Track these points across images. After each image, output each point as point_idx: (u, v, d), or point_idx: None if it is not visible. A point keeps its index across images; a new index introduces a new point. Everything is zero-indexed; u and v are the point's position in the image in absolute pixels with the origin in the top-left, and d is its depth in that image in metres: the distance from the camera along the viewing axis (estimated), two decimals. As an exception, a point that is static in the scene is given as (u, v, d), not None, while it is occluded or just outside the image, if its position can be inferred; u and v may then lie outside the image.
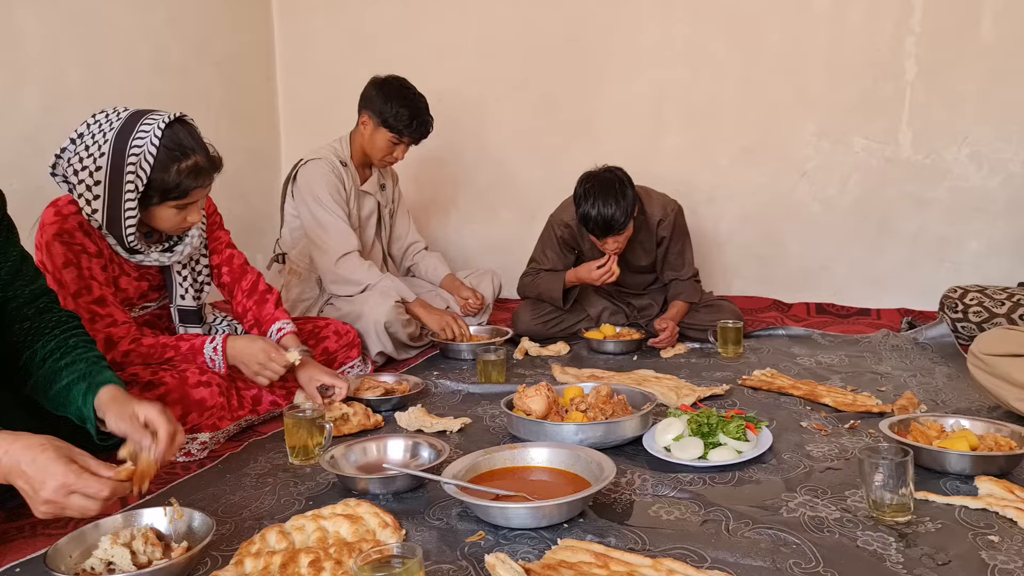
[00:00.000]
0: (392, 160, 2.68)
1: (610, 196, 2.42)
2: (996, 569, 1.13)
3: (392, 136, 2.58)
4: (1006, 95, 2.92)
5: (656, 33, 3.37)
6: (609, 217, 2.43)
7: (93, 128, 1.66)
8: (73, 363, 1.39)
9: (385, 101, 2.55)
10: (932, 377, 2.21)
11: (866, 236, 3.22)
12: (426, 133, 2.65)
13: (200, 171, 1.67)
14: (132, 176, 1.61)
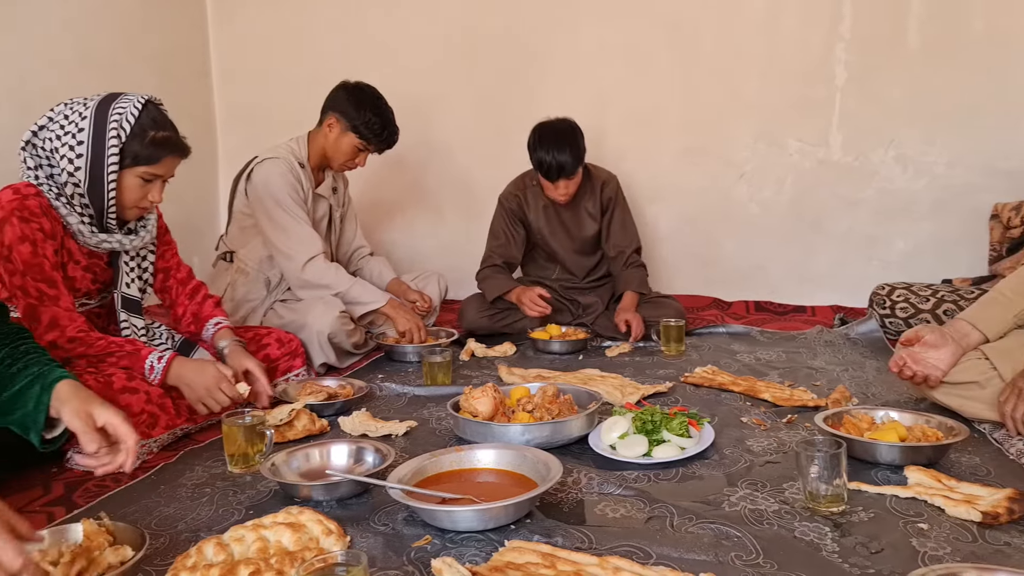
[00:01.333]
0: (353, 166, 2.65)
1: (563, 140, 2.62)
2: (926, 556, 1.18)
3: (360, 143, 2.56)
4: (930, 100, 3.06)
5: (598, 35, 3.41)
6: (562, 159, 2.60)
7: (71, 105, 1.73)
8: (26, 367, 1.33)
9: (357, 108, 2.52)
10: (863, 371, 2.30)
11: (801, 236, 3.32)
12: (392, 144, 2.64)
13: (171, 144, 1.75)
14: (114, 134, 1.69)
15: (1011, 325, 1.75)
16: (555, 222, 2.92)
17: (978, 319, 1.77)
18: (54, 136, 1.70)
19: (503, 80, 3.52)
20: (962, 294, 2.48)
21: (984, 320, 1.76)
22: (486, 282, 2.87)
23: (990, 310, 1.77)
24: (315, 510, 1.32)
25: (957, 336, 1.76)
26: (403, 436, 1.83)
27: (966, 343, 1.75)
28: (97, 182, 1.71)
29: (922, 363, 1.76)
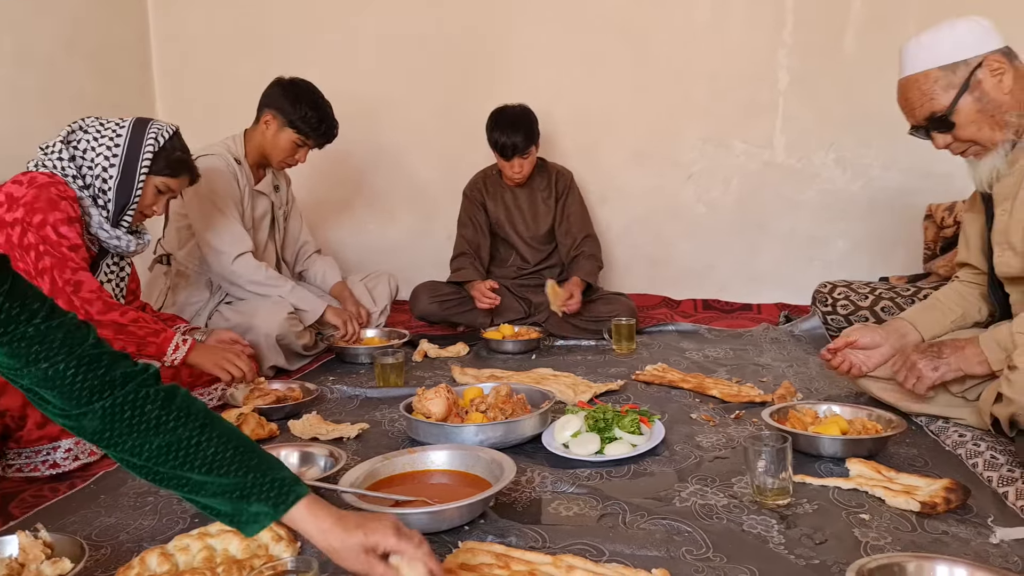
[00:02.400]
0: (293, 162, 2.61)
1: (517, 121, 2.83)
2: (868, 546, 1.22)
3: (298, 138, 2.52)
4: (867, 105, 3.16)
5: (550, 38, 3.43)
6: (516, 138, 2.81)
7: (104, 118, 1.94)
8: (218, 465, 0.99)
9: (293, 103, 2.48)
10: (806, 367, 2.36)
11: (747, 235, 3.40)
12: (332, 138, 2.61)
13: (190, 166, 2.02)
14: (151, 143, 1.92)
15: (947, 329, 1.83)
16: (513, 210, 3.05)
17: (917, 320, 1.85)
18: (90, 138, 1.90)
19: (456, 81, 3.51)
20: (899, 291, 2.57)
21: (923, 322, 1.84)
22: (458, 271, 2.99)
23: (929, 314, 1.86)
24: (264, 516, 1.29)
25: (895, 336, 1.83)
26: (355, 439, 1.80)
27: (904, 343, 1.81)
28: (129, 178, 1.91)
29: (850, 356, 1.86)
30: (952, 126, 1.62)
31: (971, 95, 1.59)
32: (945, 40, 1.61)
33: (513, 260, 3.12)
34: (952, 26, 1.63)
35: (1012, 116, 1.58)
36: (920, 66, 1.63)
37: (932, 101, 1.62)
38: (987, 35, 1.62)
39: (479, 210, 3.08)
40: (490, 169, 3.09)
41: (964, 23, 1.63)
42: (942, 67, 1.60)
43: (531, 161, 2.92)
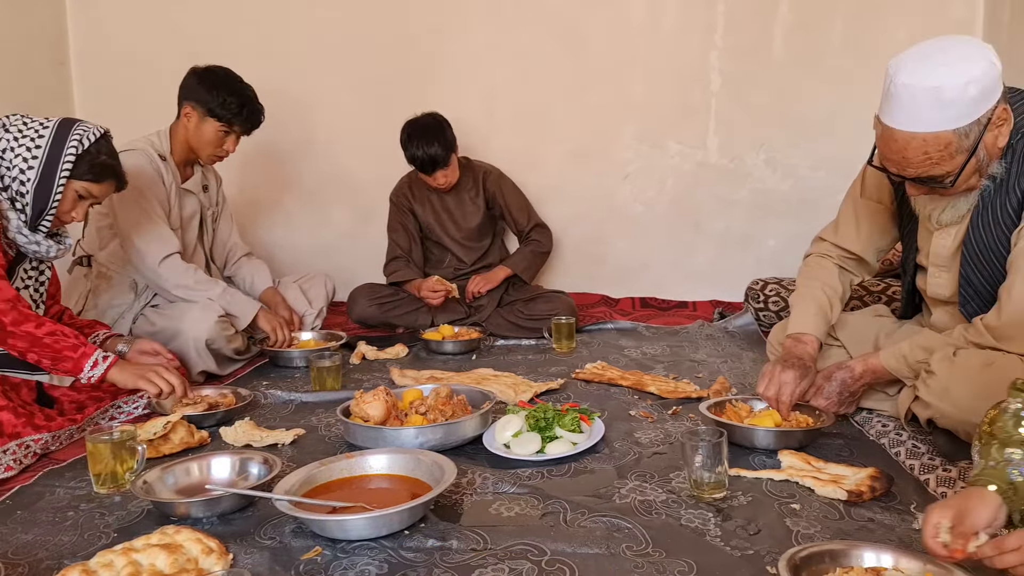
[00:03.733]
0: (223, 153, 2.50)
1: (431, 134, 2.77)
2: (798, 535, 1.25)
3: (221, 126, 2.42)
4: (795, 107, 3.27)
5: (487, 36, 3.41)
6: (433, 152, 2.76)
7: (28, 118, 1.84)
8: None
9: (210, 90, 2.38)
10: (740, 362, 2.43)
11: (682, 234, 3.47)
12: (258, 122, 2.51)
13: (116, 173, 1.91)
14: (73, 146, 1.81)
15: (823, 319, 1.81)
16: (441, 213, 3.04)
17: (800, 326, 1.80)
18: (11, 137, 1.80)
19: (391, 78, 3.46)
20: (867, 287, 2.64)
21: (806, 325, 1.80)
22: (396, 273, 2.97)
23: (805, 316, 1.82)
24: (194, 528, 1.25)
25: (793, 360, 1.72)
26: (290, 445, 1.76)
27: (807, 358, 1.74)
28: (47, 181, 1.80)
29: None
30: (947, 188, 1.50)
31: (975, 157, 1.44)
32: (966, 96, 1.37)
33: (449, 261, 3.10)
34: (972, 75, 1.37)
35: (995, 167, 1.50)
36: (931, 126, 1.40)
37: (936, 167, 1.44)
38: (998, 78, 1.41)
39: (408, 215, 3.05)
40: (415, 173, 3.02)
41: (984, 65, 1.38)
42: (956, 130, 1.40)
43: (454, 169, 2.88)
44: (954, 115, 1.39)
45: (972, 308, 1.62)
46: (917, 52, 1.43)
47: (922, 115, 1.40)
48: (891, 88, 1.43)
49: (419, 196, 3.04)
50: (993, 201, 1.54)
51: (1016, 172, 1.50)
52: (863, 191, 1.86)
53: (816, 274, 1.90)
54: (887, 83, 1.44)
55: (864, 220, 1.87)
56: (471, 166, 3.07)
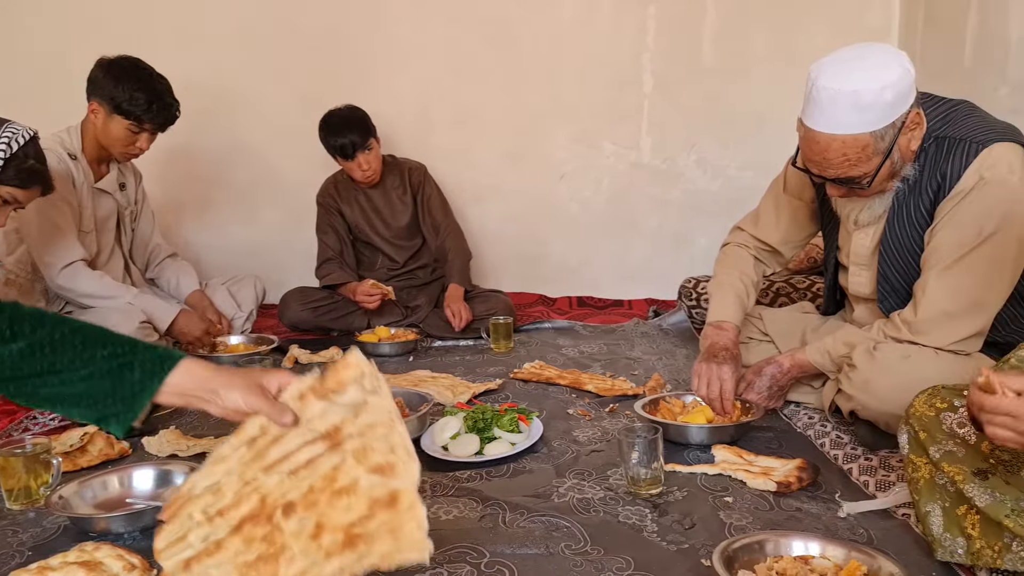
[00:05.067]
0: (136, 151, 2.36)
1: (348, 118, 2.77)
2: (731, 527, 1.28)
3: (130, 124, 2.27)
4: (723, 109, 3.36)
5: (419, 35, 3.38)
6: (352, 135, 2.74)
7: None
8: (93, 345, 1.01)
9: (116, 84, 2.23)
10: (674, 359, 2.47)
11: (617, 234, 3.52)
12: (171, 118, 2.36)
13: (43, 179, 1.83)
14: (3, 147, 1.72)
15: (740, 307, 1.87)
16: (369, 212, 2.98)
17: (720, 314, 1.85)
18: None
19: (322, 77, 3.37)
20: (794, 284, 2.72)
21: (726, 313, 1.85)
22: (329, 276, 2.90)
23: (724, 304, 1.87)
24: (115, 544, 1.19)
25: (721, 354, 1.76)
26: (219, 454, 1.69)
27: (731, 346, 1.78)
28: None
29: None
30: (864, 189, 1.56)
31: (890, 159, 1.51)
32: (882, 100, 1.43)
33: (381, 262, 3.04)
34: (888, 80, 1.43)
35: (908, 169, 1.57)
36: (850, 128, 1.45)
37: (854, 168, 1.50)
38: (912, 83, 1.48)
39: (336, 216, 2.97)
40: (339, 174, 2.98)
41: (899, 71, 1.44)
42: (874, 132, 1.46)
43: (376, 156, 2.83)
44: (871, 118, 1.45)
45: (890, 304, 1.70)
46: (837, 58, 1.49)
47: (841, 118, 1.45)
48: (812, 92, 1.48)
49: (346, 196, 2.98)
50: (907, 202, 1.61)
51: (928, 174, 1.57)
52: (785, 187, 1.93)
53: (734, 263, 1.96)
54: (808, 87, 1.49)
55: (784, 214, 1.93)
56: (397, 163, 3.03)
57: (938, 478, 1.15)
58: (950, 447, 1.14)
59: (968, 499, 1.09)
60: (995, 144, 1.51)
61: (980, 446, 1.12)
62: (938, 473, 1.15)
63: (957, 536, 1.11)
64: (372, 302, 2.77)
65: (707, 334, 1.85)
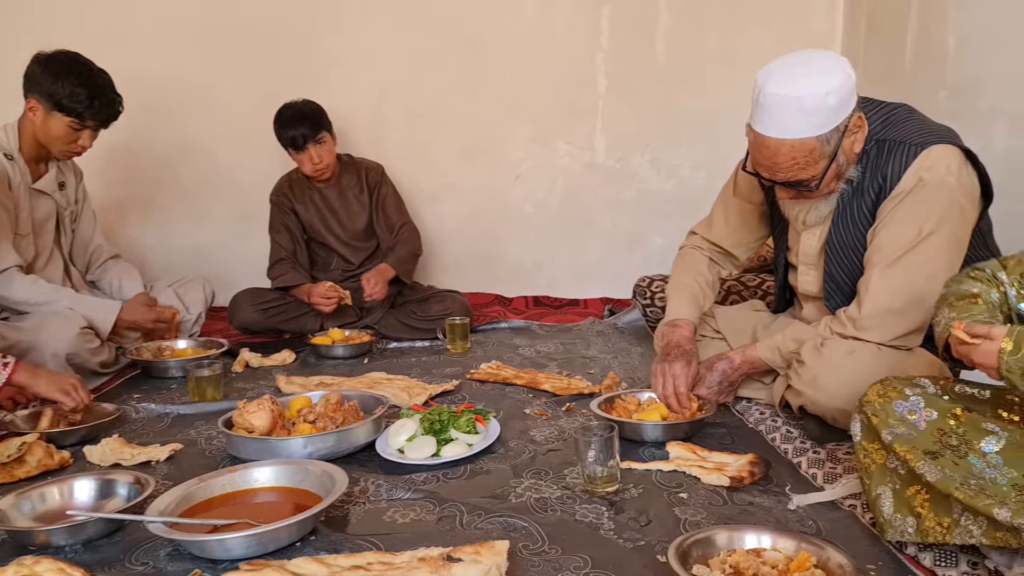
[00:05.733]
0: (78, 149, 2.27)
1: (301, 110, 2.73)
2: (686, 523, 1.30)
3: (71, 121, 2.18)
4: (676, 110, 3.40)
5: (376, 32, 3.34)
6: (304, 127, 2.70)
7: None
8: None
9: (55, 80, 2.15)
10: (630, 357, 2.50)
11: (573, 233, 3.54)
12: (114, 114, 2.28)
13: None
14: None
15: (696, 307, 1.91)
16: (325, 212, 2.92)
17: (676, 314, 1.90)
18: None
19: (275, 74, 3.31)
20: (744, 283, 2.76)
21: (681, 312, 1.89)
22: (281, 277, 2.83)
23: (680, 304, 1.91)
24: (55, 558, 1.14)
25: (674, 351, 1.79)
26: (166, 462, 1.64)
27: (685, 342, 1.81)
28: None
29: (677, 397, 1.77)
30: (812, 191, 1.60)
31: (836, 162, 1.55)
32: (826, 106, 1.47)
33: (336, 263, 2.98)
34: (831, 86, 1.47)
35: (852, 171, 1.61)
36: (797, 133, 1.49)
37: (802, 171, 1.54)
38: (853, 88, 1.52)
39: (289, 216, 2.90)
40: (294, 172, 2.92)
41: (841, 77, 1.49)
42: (819, 137, 1.50)
43: (329, 150, 2.78)
44: (817, 123, 1.49)
45: (836, 302, 1.74)
46: (781, 64, 1.53)
47: (789, 123, 1.49)
48: (760, 98, 1.51)
49: (300, 195, 2.91)
50: (851, 203, 1.66)
51: (870, 175, 1.62)
52: (735, 190, 1.96)
53: (689, 264, 2.00)
54: (756, 93, 1.53)
55: (734, 217, 1.97)
56: (354, 163, 2.98)
57: (889, 462, 1.19)
58: (901, 430, 1.18)
59: (919, 476, 1.13)
60: (933, 146, 1.56)
61: (930, 433, 1.16)
62: (890, 457, 1.18)
63: (907, 516, 1.15)
64: (328, 306, 2.72)
65: (662, 333, 1.88)
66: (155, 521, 1.20)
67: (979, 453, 1.13)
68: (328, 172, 2.82)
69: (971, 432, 1.14)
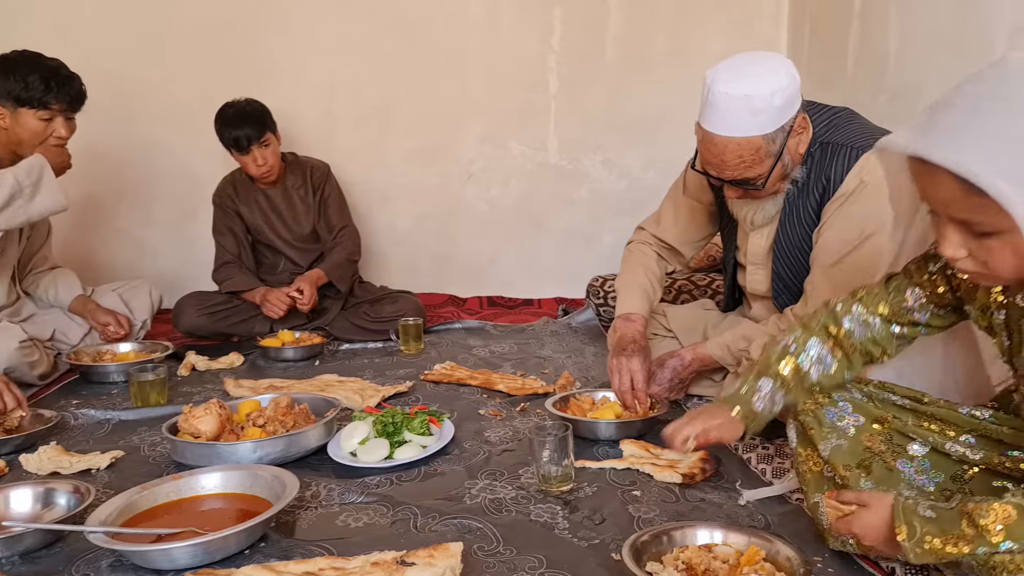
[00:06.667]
0: (57, 143, 2.18)
1: (244, 110, 2.64)
2: (640, 520, 1.31)
3: (40, 113, 2.11)
4: (627, 110, 3.44)
5: (326, 29, 3.29)
6: (247, 128, 2.62)
7: None
8: None
9: (6, 77, 2.09)
10: (583, 356, 2.51)
11: (526, 233, 3.55)
12: (78, 93, 2.20)
13: None
14: None
15: (647, 300, 1.93)
16: (270, 213, 2.85)
17: (628, 307, 1.92)
18: None
19: (220, 70, 3.23)
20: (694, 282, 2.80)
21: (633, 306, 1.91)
22: (229, 280, 2.75)
23: (631, 298, 1.93)
24: (-13, 573, 1.09)
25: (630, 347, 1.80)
26: (107, 469, 1.59)
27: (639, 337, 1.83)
28: None
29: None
30: (758, 190, 1.63)
31: (781, 161, 1.58)
32: (772, 105, 1.51)
33: (284, 266, 2.90)
34: (777, 85, 1.51)
35: (797, 172, 1.65)
36: (744, 131, 1.52)
37: (749, 169, 1.57)
38: (798, 89, 1.57)
39: (233, 218, 2.81)
40: (238, 173, 2.83)
41: (786, 78, 1.53)
42: (765, 136, 1.53)
43: (273, 151, 2.70)
44: (763, 121, 1.52)
45: (784, 301, 1.79)
46: (730, 64, 1.56)
47: (736, 121, 1.52)
48: (708, 97, 1.54)
49: (244, 196, 2.83)
50: (797, 204, 1.70)
51: (814, 177, 1.67)
52: (685, 189, 1.99)
53: (639, 260, 2.02)
54: (705, 92, 1.56)
55: (683, 216, 2.00)
56: (299, 162, 2.90)
57: (826, 471, 1.20)
58: (835, 440, 1.19)
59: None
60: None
61: (860, 437, 1.18)
62: (826, 466, 1.20)
63: None
64: (279, 312, 2.64)
65: (615, 327, 1.89)
66: (96, 531, 1.15)
67: (908, 457, 1.15)
68: (273, 174, 2.75)
69: (898, 436, 1.16)
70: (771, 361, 1.22)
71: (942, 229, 0.91)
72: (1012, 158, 0.81)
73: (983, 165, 0.81)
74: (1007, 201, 0.80)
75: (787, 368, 1.20)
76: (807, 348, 1.19)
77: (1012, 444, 1.07)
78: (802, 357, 1.19)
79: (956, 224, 0.89)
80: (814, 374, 1.19)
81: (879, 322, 1.17)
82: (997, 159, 0.81)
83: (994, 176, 0.81)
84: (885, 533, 0.97)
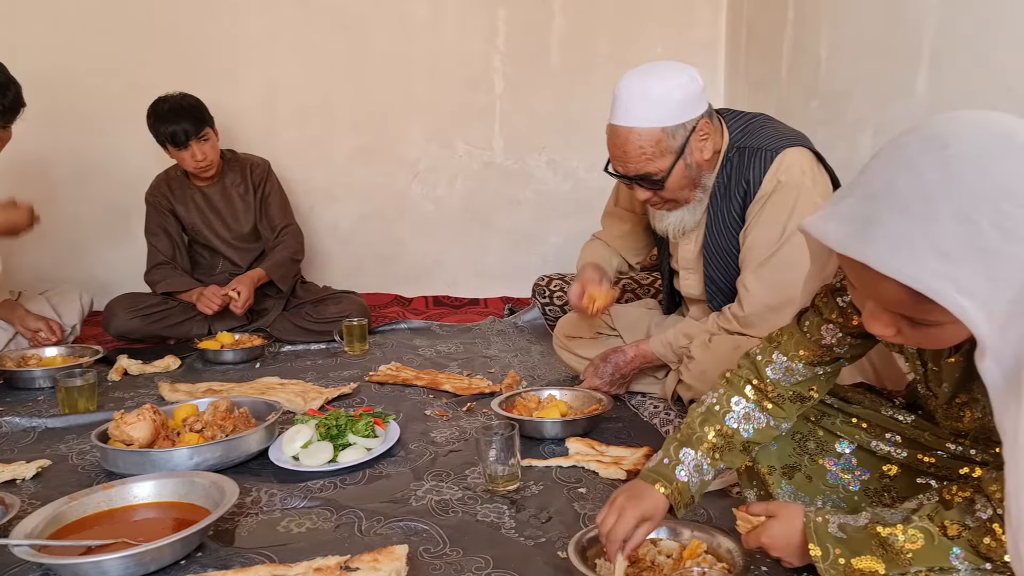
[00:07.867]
0: None
1: (179, 104, 2.56)
2: (585, 517, 1.32)
3: None
4: (571, 112, 3.47)
5: (264, 24, 3.21)
6: (184, 122, 2.53)
7: None
8: None
9: None
10: (529, 355, 2.52)
11: (473, 233, 3.54)
12: (15, 101, 2.12)
13: None
14: None
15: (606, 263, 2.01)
16: (208, 212, 2.77)
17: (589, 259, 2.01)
18: None
19: (154, 65, 3.11)
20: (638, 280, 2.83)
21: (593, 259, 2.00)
22: (164, 282, 2.66)
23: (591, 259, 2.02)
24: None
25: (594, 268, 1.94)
26: (32, 479, 1.51)
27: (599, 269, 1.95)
28: None
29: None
30: (661, 187, 1.67)
31: (683, 161, 1.63)
32: (671, 98, 1.58)
33: (223, 267, 2.83)
34: (677, 82, 1.59)
35: (708, 179, 1.71)
36: (644, 121, 1.59)
37: (650, 163, 1.62)
38: (702, 94, 1.64)
39: (168, 217, 2.74)
40: (172, 170, 2.75)
41: (687, 77, 1.61)
42: (665, 128, 1.59)
43: (213, 146, 2.63)
44: (663, 113, 1.60)
45: (718, 303, 1.83)
46: (640, 68, 1.65)
47: (636, 112, 1.60)
48: (615, 92, 1.64)
49: (180, 195, 2.74)
50: (720, 208, 1.76)
51: (735, 181, 1.72)
52: (617, 201, 2.06)
53: (597, 248, 2.08)
54: (614, 92, 1.63)
55: (619, 228, 2.06)
56: (238, 159, 2.83)
57: (756, 468, 1.24)
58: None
59: (773, 497, 1.19)
60: (787, 150, 1.68)
61: (789, 438, 1.20)
62: (756, 464, 1.23)
63: None
64: (212, 308, 2.57)
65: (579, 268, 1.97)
66: (21, 544, 1.10)
67: (835, 454, 1.17)
68: (211, 169, 2.67)
69: (826, 434, 1.19)
70: (694, 426, 1.15)
71: (874, 311, 0.83)
72: (973, 275, 0.72)
73: (943, 282, 0.72)
74: (969, 320, 0.72)
75: (711, 433, 1.13)
76: (732, 407, 1.14)
77: (932, 447, 1.11)
78: (728, 418, 1.14)
79: (892, 313, 0.82)
80: (744, 433, 1.13)
81: (802, 366, 1.12)
82: (957, 275, 0.72)
83: (956, 295, 0.72)
84: (795, 543, 0.99)
